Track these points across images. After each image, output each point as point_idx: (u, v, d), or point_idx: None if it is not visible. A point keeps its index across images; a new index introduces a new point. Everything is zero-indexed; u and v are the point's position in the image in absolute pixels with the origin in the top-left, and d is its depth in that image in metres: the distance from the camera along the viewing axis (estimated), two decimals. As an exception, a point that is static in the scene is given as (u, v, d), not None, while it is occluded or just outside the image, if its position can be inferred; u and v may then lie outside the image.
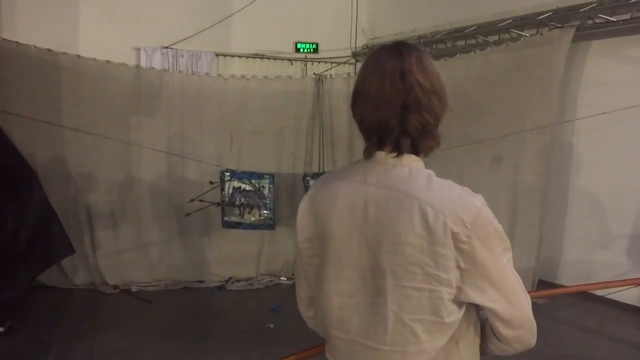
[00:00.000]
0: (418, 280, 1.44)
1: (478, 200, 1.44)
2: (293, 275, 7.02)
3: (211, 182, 6.34)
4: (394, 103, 1.46)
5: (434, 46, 7.87)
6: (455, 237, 1.39)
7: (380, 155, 1.52)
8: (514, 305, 1.48)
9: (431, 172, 1.52)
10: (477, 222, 1.41)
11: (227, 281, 6.79)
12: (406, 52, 1.51)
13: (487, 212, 1.44)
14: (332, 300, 1.60)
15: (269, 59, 8.66)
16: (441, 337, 1.48)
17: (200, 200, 6.23)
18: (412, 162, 1.51)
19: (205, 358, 4.79)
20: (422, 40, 7.95)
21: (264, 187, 6.30)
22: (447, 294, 1.44)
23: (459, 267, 1.41)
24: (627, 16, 5.44)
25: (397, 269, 1.45)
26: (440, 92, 1.51)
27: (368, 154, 1.55)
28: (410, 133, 1.48)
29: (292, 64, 8.86)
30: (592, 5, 5.64)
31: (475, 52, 6.58)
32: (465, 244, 1.40)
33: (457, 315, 1.48)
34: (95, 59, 6.35)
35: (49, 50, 6.15)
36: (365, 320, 1.54)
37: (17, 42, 6.03)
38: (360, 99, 1.54)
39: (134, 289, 6.40)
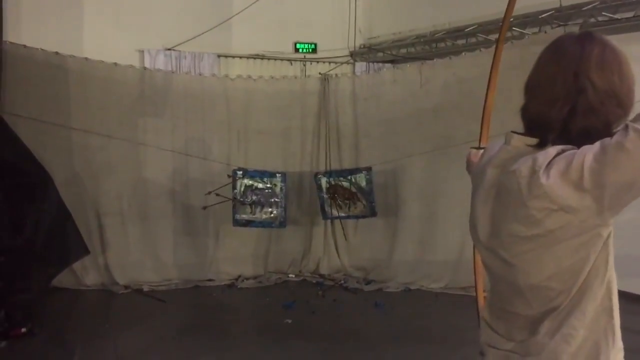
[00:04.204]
0: None
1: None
2: (300, 272, 7.13)
3: (229, 176, 6.33)
4: (561, 104, 1.34)
5: (434, 45, 7.97)
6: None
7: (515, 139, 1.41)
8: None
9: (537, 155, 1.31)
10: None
11: (236, 279, 6.85)
12: (589, 46, 1.36)
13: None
14: None
15: (269, 59, 8.70)
16: None
17: (217, 194, 6.25)
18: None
19: (230, 353, 4.84)
20: (421, 40, 8.05)
21: (275, 185, 6.37)
22: None
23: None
24: (630, 14, 5.56)
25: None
26: (621, 94, 1.34)
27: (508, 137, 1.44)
28: (571, 138, 1.31)
29: (291, 64, 8.90)
30: (595, 4, 5.75)
31: (480, 50, 6.67)
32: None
33: None
34: (102, 61, 6.40)
35: (57, 53, 6.19)
36: None
37: (24, 46, 6.06)
38: (529, 89, 1.44)
39: (145, 288, 6.43)
